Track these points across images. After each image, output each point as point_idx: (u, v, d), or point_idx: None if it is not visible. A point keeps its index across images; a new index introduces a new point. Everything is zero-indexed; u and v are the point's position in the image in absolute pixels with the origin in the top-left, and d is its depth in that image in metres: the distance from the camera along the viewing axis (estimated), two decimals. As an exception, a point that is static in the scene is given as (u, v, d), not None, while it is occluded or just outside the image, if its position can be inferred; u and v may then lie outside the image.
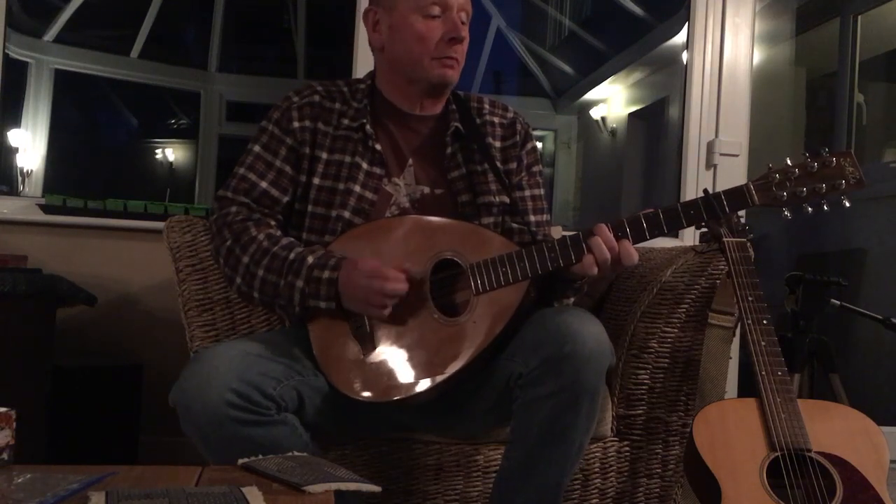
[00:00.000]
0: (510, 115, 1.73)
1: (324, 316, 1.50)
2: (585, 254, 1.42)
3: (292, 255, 1.49)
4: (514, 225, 1.66)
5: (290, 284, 1.47)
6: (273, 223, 1.59)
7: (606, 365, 1.41)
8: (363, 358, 1.46)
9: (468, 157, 1.65)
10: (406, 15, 1.57)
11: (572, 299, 1.62)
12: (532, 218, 1.68)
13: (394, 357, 1.45)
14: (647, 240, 1.43)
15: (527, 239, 1.65)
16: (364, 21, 1.66)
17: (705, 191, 1.41)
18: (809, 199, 1.37)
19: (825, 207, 1.37)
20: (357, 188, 1.59)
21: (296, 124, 1.61)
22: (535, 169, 1.73)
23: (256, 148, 1.62)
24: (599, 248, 1.41)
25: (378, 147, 1.61)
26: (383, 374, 1.44)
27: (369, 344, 1.46)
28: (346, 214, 1.58)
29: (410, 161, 1.65)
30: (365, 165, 1.60)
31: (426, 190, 1.64)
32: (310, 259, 1.47)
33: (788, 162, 1.39)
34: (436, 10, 1.56)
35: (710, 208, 1.39)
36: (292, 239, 1.56)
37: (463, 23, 1.59)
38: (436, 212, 1.59)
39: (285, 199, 1.61)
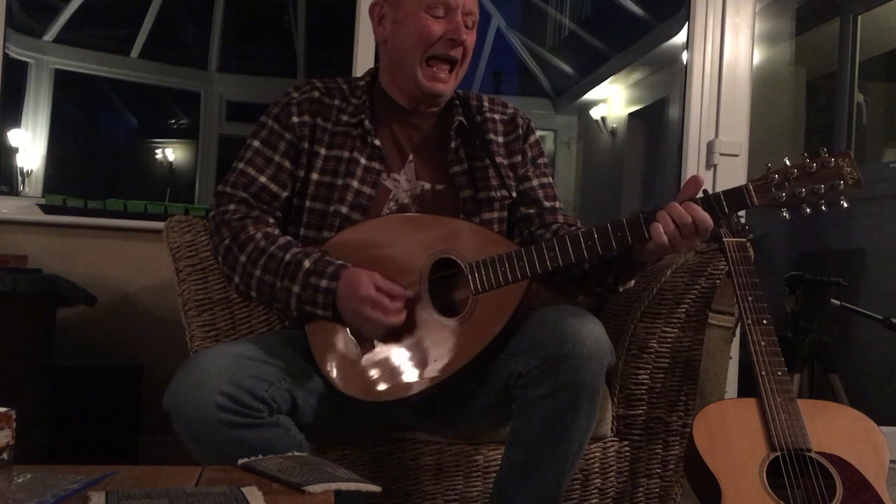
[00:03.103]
0: (510, 110, 1.74)
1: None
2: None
3: (288, 257, 1.48)
4: (531, 211, 1.66)
5: (287, 289, 1.47)
6: (272, 220, 1.59)
7: (606, 364, 1.41)
8: (362, 358, 1.46)
9: (470, 153, 1.65)
10: (410, 11, 1.58)
11: (633, 282, 1.58)
12: (546, 204, 1.69)
13: (392, 357, 1.45)
14: (648, 240, 1.43)
15: (548, 220, 1.65)
16: (370, 14, 1.66)
17: (704, 191, 1.40)
18: (808, 199, 1.36)
19: (823, 208, 1.37)
20: (355, 183, 1.59)
21: (295, 119, 1.61)
22: (541, 161, 1.73)
23: (255, 143, 1.62)
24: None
25: (377, 142, 1.61)
26: (382, 373, 1.44)
27: (368, 344, 1.46)
28: (344, 210, 1.58)
29: (411, 157, 1.65)
30: (363, 161, 1.60)
31: (427, 186, 1.64)
32: (306, 264, 1.47)
33: (787, 162, 1.38)
34: (440, 11, 1.57)
35: (710, 209, 1.38)
36: (290, 238, 1.55)
37: (468, 27, 1.59)
38: (436, 208, 1.60)
39: (284, 194, 1.61)
